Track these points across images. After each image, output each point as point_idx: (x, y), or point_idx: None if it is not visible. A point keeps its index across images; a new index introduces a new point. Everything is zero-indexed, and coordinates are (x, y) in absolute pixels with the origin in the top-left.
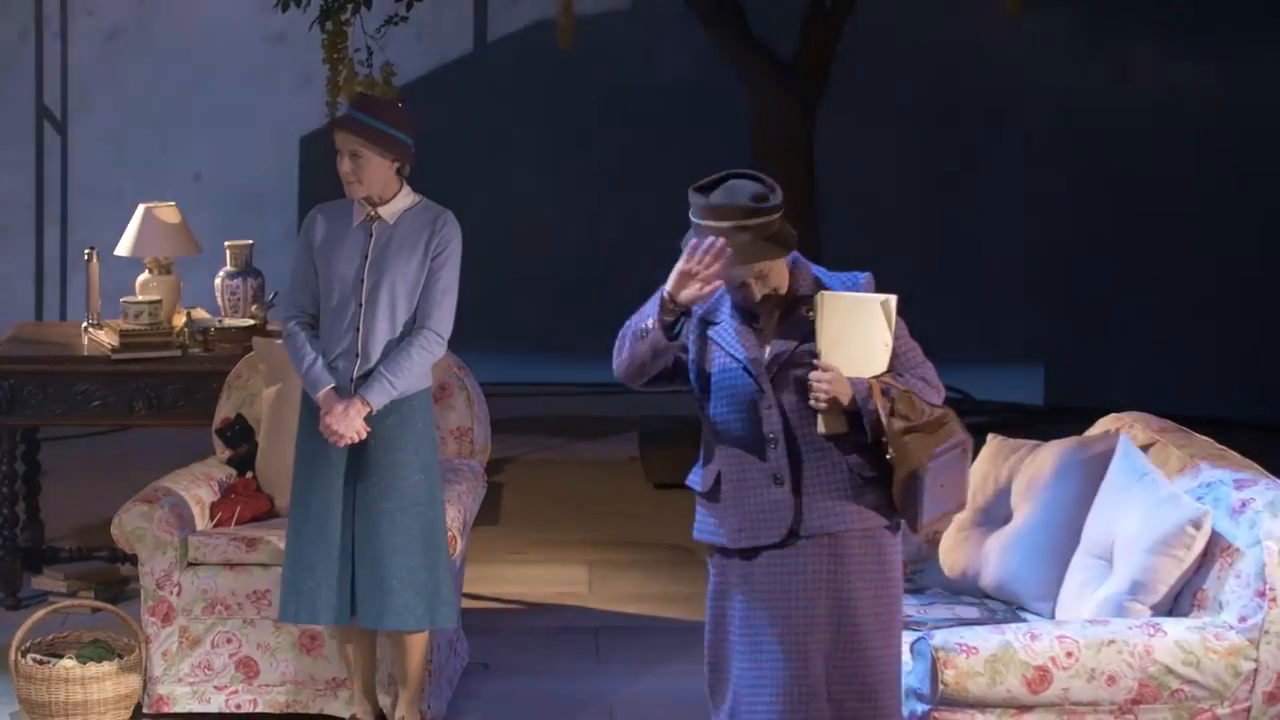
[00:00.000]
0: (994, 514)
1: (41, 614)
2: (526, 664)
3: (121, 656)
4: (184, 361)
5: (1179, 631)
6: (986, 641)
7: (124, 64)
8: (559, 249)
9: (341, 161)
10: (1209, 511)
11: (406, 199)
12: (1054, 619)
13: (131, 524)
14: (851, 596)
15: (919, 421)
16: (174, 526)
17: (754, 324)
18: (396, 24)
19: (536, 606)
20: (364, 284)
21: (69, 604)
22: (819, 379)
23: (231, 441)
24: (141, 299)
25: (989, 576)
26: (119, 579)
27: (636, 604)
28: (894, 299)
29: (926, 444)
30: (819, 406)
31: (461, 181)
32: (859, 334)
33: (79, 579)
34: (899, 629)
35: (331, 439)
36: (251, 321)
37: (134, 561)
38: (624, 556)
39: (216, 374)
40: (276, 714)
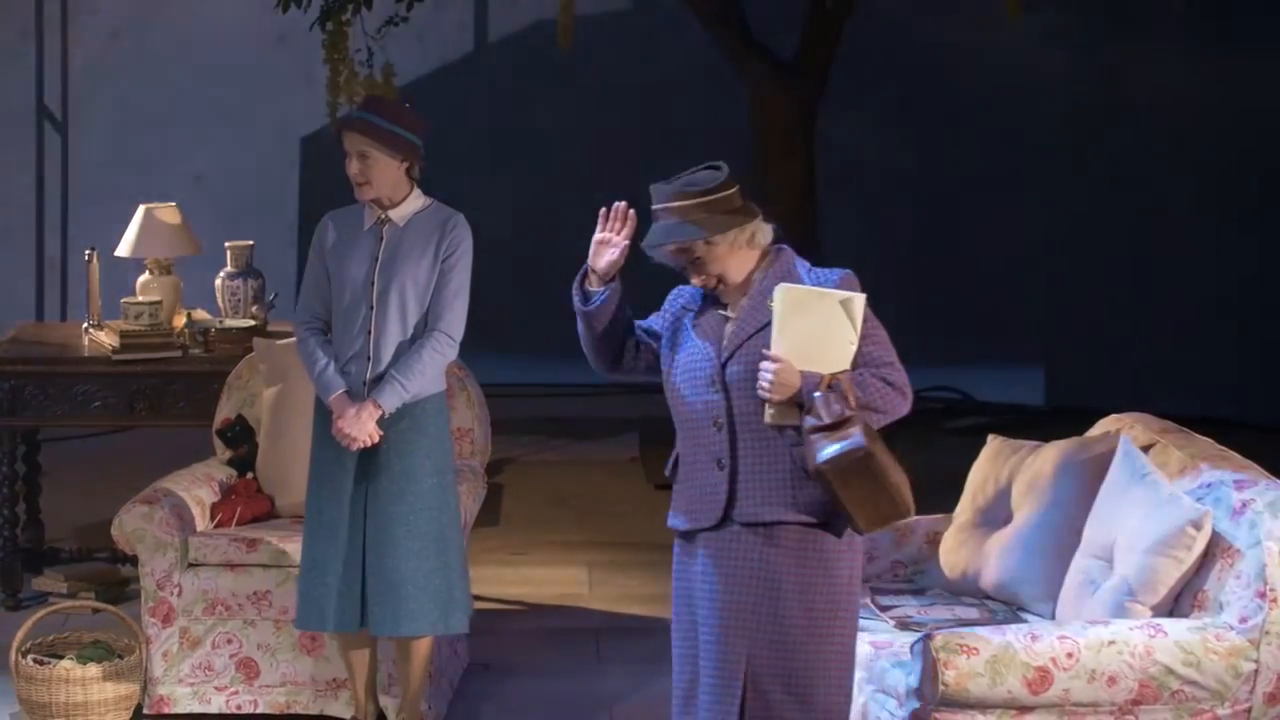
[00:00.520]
0: (994, 515)
1: (42, 614)
2: (527, 665)
3: (122, 657)
4: (184, 362)
5: (1179, 632)
6: (987, 642)
7: (125, 65)
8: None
9: (350, 163)
10: (1209, 512)
11: (417, 201)
12: (1054, 620)
13: (132, 525)
14: (781, 589)
15: (824, 422)
16: (174, 527)
17: (724, 311)
18: (397, 24)
19: (537, 607)
20: (374, 287)
21: (69, 605)
22: (767, 368)
23: (232, 442)
24: (142, 300)
25: (989, 577)
26: (119, 580)
27: (637, 605)
28: (859, 298)
29: (826, 444)
30: (763, 394)
31: (461, 182)
32: (816, 328)
33: (79, 580)
34: (842, 630)
35: (344, 443)
36: (252, 322)
37: (134, 562)
38: (624, 557)
39: (217, 375)
40: (277, 714)
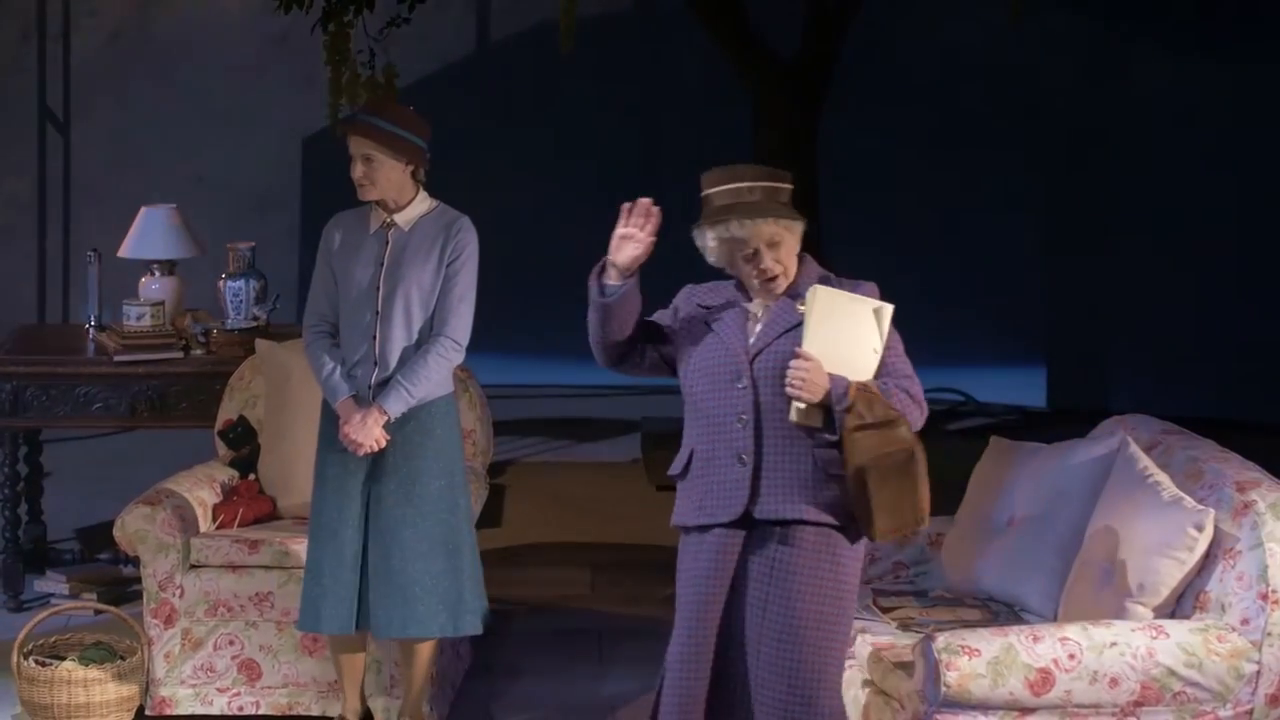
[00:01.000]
0: (996, 516)
1: (43, 616)
2: (529, 666)
3: (124, 658)
4: (186, 363)
5: (1181, 633)
6: (989, 643)
7: (126, 65)
8: (561, 250)
9: (354, 166)
10: (1211, 513)
11: (423, 204)
12: (1057, 621)
13: (134, 526)
14: (794, 588)
15: (869, 420)
16: (176, 528)
17: (750, 308)
18: (399, 26)
19: (539, 609)
20: (380, 291)
21: (71, 606)
22: (797, 365)
23: (234, 443)
24: (144, 301)
25: (991, 578)
26: (121, 581)
27: (639, 606)
28: (889, 308)
29: (873, 442)
30: (791, 392)
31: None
32: (846, 332)
33: (81, 581)
34: (844, 633)
35: (350, 448)
36: (254, 323)
37: (136, 563)
38: (626, 559)
39: (219, 376)
40: (279, 716)
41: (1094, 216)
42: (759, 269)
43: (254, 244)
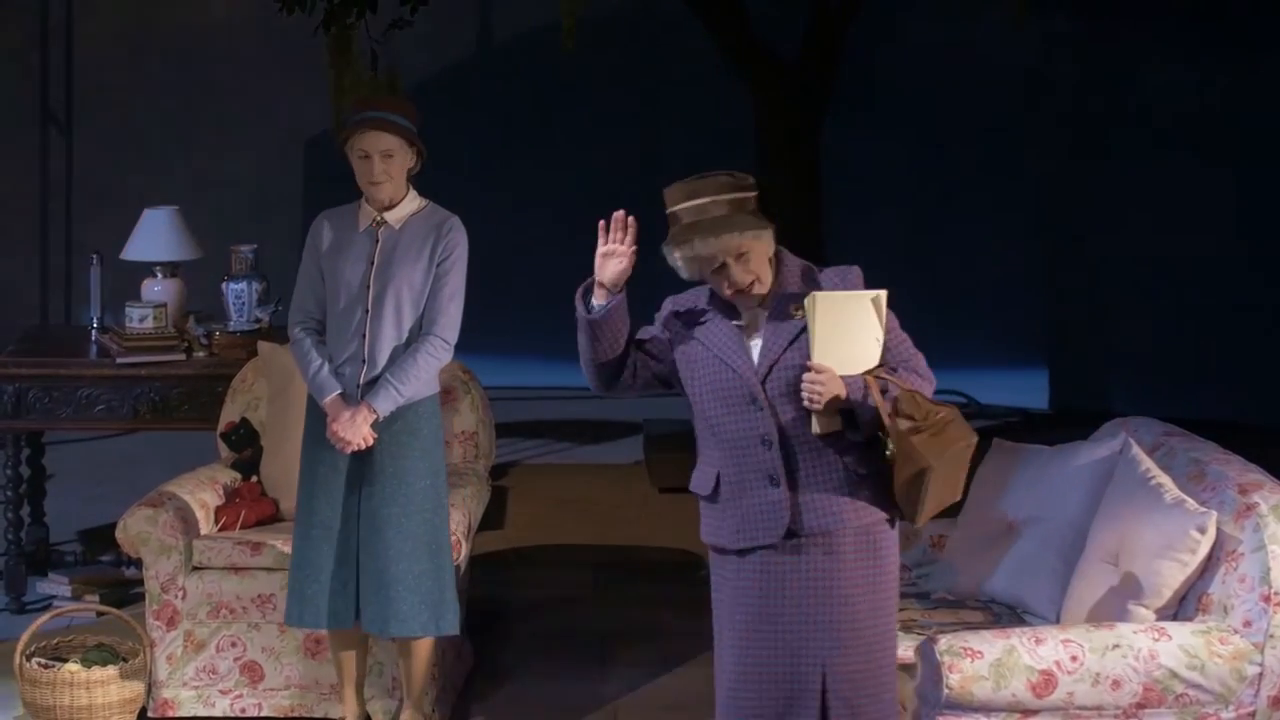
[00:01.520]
0: (999, 518)
1: (46, 618)
2: (531, 668)
3: (126, 660)
4: (189, 365)
5: (1184, 635)
6: (991, 645)
7: (129, 67)
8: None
9: (372, 163)
10: (1214, 515)
11: (413, 203)
12: (1059, 623)
13: (136, 528)
14: (848, 594)
15: (924, 422)
16: (179, 530)
17: (738, 321)
18: (401, 28)
19: (541, 610)
20: (370, 290)
21: (74, 608)
22: (813, 380)
23: (236, 445)
24: (146, 303)
25: (994, 580)
26: (124, 583)
27: (641, 608)
28: (884, 294)
29: (934, 445)
30: (813, 407)
31: (464, 184)
32: (851, 332)
33: (84, 583)
34: (894, 623)
35: (338, 446)
36: (256, 325)
37: (139, 565)
38: (629, 560)
39: (221, 378)
40: (281, 718)
41: (1095, 217)
42: (729, 281)
43: (256, 246)
